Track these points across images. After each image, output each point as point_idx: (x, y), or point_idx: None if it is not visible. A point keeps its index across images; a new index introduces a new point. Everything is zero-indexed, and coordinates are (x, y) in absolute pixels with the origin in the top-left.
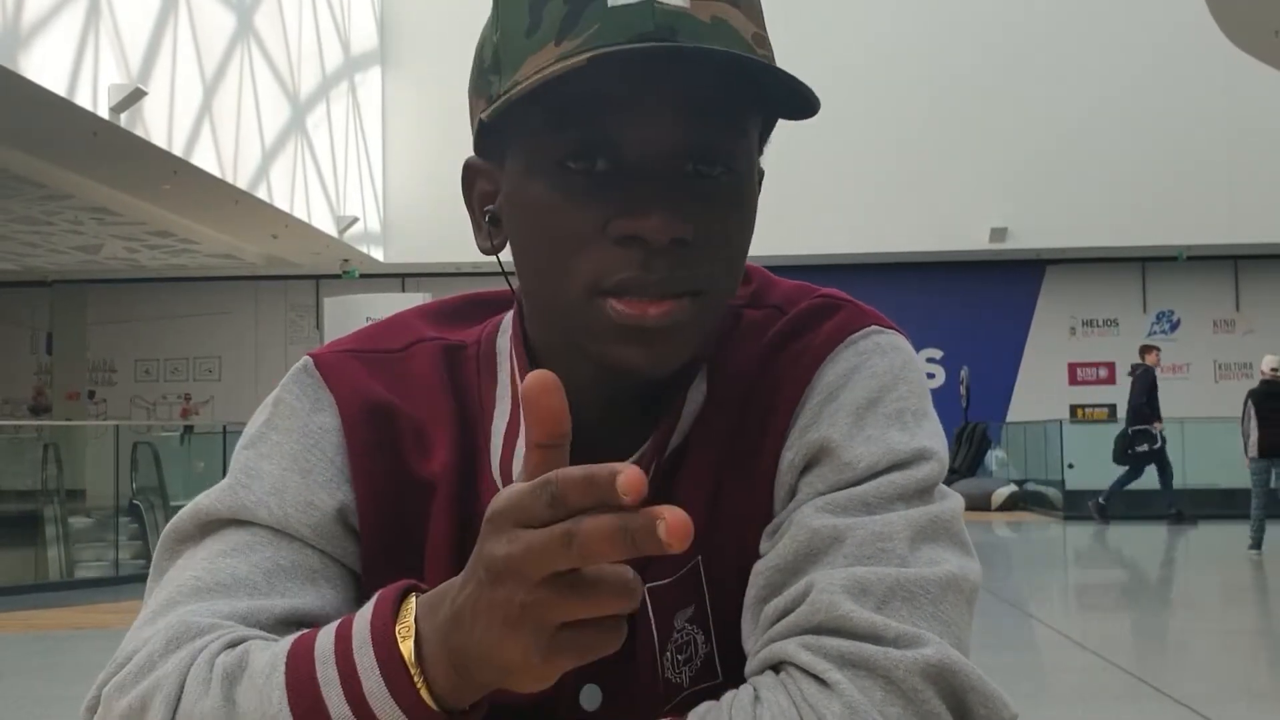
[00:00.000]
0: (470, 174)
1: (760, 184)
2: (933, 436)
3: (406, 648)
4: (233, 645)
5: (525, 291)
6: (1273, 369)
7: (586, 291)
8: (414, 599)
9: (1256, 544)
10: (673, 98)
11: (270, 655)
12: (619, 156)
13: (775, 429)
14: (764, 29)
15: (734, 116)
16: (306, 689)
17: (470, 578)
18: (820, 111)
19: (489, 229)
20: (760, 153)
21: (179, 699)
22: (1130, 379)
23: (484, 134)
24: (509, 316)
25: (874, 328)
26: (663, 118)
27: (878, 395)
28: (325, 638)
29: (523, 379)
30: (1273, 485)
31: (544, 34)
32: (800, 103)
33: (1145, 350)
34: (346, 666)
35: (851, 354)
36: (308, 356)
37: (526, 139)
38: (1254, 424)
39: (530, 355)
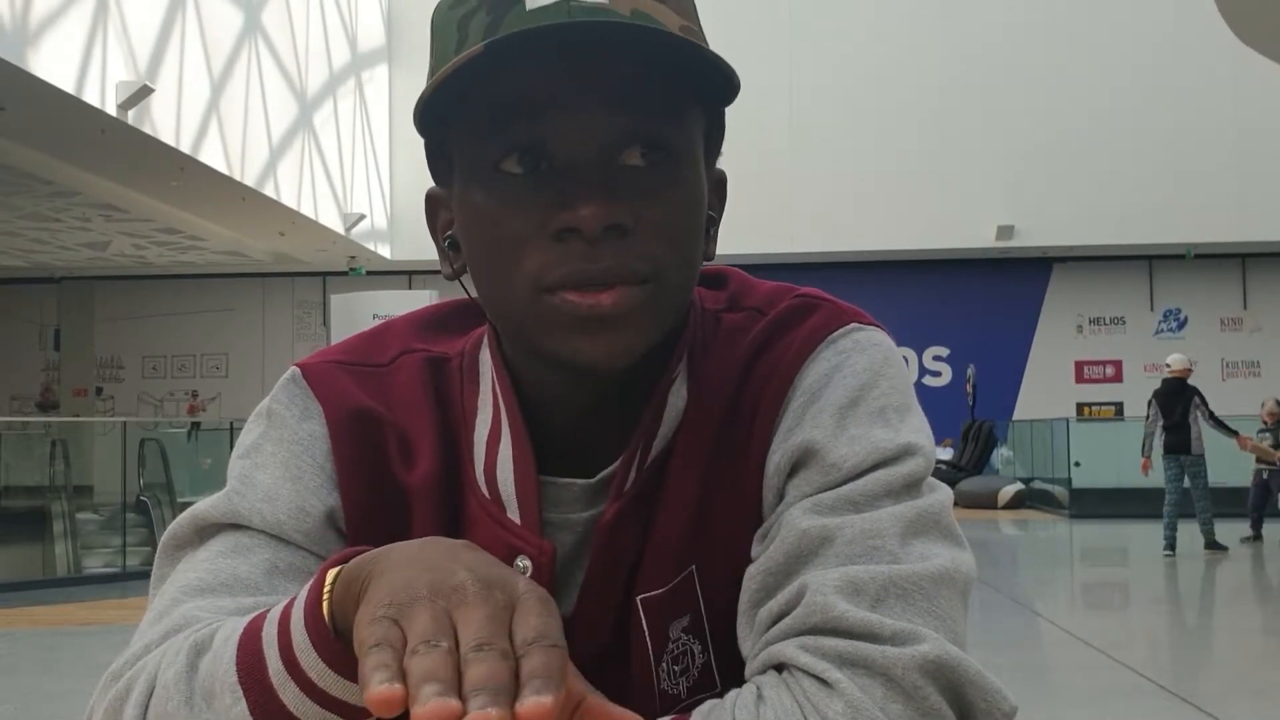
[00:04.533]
0: (432, 204)
1: (724, 187)
2: (917, 431)
3: (327, 606)
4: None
5: (482, 301)
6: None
7: (533, 289)
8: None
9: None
10: (597, 87)
11: (233, 625)
12: (551, 152)
13: (760, 433)
14: (696, 23)
15: (663, 100)
16: (252, 647)
17: (379, 581)
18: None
19: (450, 254)
20: (717, 151)
21: (157, 676)
22: None
23: (434, 159)
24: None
25: (853, 325)
26: (589, 108)
27: (859, 394)
28: (277, 607)
29: (502, 389)
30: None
31: (470, 45)
32: (723, 81)
33: None
34: (284, 625)
35: (831, 353)
36: (295, 366)
37: (466, 151)
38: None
39: (507, 366)
